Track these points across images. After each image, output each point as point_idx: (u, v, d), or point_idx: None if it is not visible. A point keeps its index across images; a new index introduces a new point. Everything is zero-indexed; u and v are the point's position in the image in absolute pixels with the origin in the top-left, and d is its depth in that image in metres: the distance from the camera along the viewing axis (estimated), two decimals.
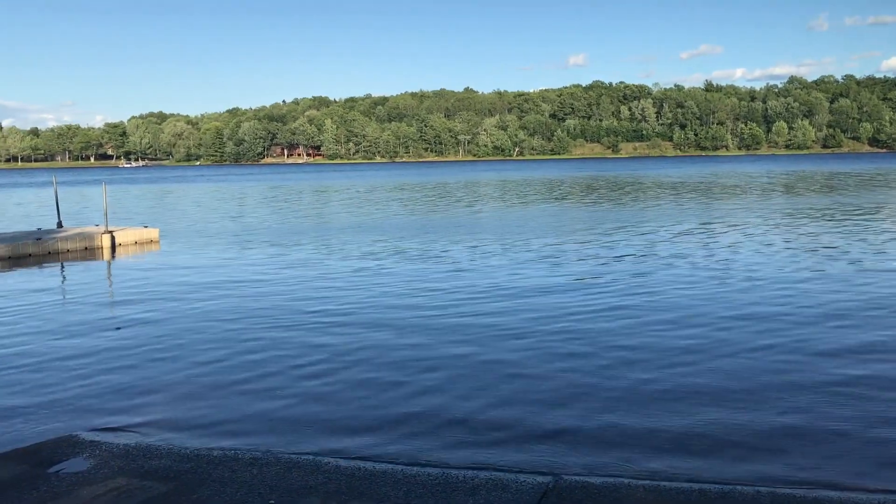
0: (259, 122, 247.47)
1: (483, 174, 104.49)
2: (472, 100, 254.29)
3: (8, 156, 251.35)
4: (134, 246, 24.75)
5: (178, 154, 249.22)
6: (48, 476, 6.29)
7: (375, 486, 6.05)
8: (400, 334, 11.69)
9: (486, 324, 12.24)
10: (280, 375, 9.67)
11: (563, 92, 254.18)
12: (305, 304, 14.29)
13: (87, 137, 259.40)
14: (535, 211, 37.33)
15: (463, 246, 22.75)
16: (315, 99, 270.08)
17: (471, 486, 6.06)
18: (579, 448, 7.16)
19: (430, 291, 15.27)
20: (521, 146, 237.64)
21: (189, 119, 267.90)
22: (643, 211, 35.63)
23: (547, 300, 14.10)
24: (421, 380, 9.34)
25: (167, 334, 12.05)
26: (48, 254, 22.72)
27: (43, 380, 9.70)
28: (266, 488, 5.99)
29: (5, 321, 13.30)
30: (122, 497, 5.81)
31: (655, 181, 68.90)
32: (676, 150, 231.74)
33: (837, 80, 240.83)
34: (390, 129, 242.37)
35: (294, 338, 11.61)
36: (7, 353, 11.03)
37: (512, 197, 49.71)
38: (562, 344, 10.88)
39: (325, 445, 7.26)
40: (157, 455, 6.81)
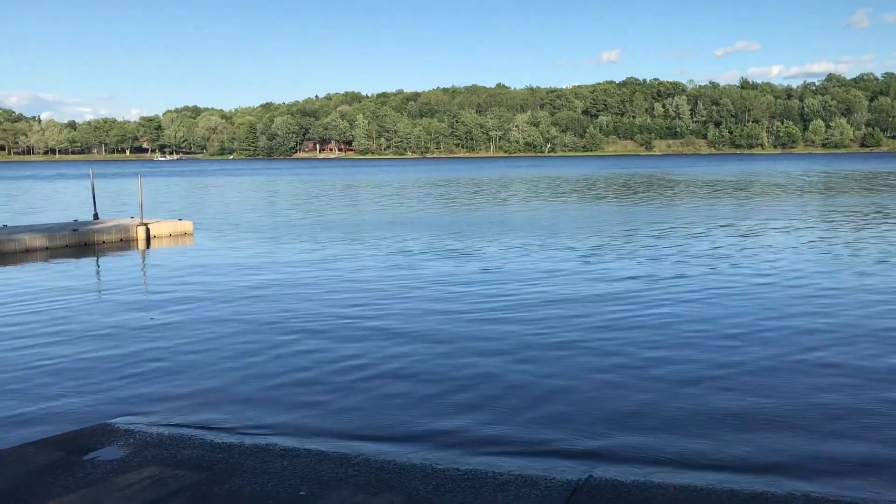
0: (292, 116, 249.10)
1: (515, 170, 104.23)
2: (504, 95, 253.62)
3: (46, 148, 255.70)
4: (168, 238, 25.06)
5: (212, 148, 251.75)
6: (83, 463, 6.40)
7: (405, 479, 6.06)
8: (432, 331, 11.71)
9: (519, 321, 12.21)
10: (311, 369, 9.72)
11: (597, 88, 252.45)
12: (338, 299, 14.35)
13: (123, 131, 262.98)
14: (570, 209, 37.15)
15: (497, 244, 22.68)
16: (347, 94, 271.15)
17: (500, 481, 6.05)
18: (610, 447, 7.11)
19: (463, 290, 15.26)
20: (552, 143, 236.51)
21: (223, 113, 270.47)
22: (680, 210, 35.30)
23: (582, 304, 14.00)
24: (452, 378, 9.34)
25: (200, 326, 12.19)
26: (85, 245, 23.09)
27: (78, 369, 9.86)
28: (296, 479, 6.03)
29: (42, 311, 13.53)
30: (156, 485, 5.89)
31: (693, 179, 68.20)
32: (711, 148, 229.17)
33: (877, 78, 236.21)
34: (421, 124, 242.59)
35: (327, 332, 11.67)
36: (43, 343, 11.23)
37: (546, 194, 49.53)
38: (597, 346, 10.81)
39: (354, 439, 7.28)
40: (190, 445, 6.89)
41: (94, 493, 5.74)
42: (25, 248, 21.84)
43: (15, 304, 14.14)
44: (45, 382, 9.29)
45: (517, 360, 9.98)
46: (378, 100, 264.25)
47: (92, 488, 5.83)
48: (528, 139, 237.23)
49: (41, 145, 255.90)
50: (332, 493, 5.76)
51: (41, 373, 9.69)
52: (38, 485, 5.92)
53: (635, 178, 71.13)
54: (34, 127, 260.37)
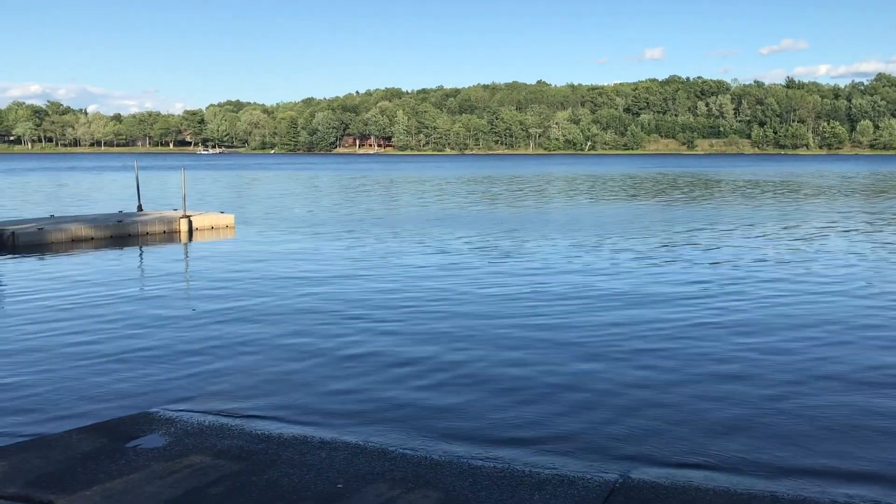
0: (332, 112, 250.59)
1: (556, 168, 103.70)
2: (545, 93, 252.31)
3: (92, 140, 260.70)
4: (210, 231, 25.40)
5: (254, 142, 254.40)
6: (126, 450, 6.51)
7: (441, 475, 6.07)
8: (474, 329, 11.71)
9: (560, 325, 12.16)
10: (351, 362, 9.78)
11: (639, 86, 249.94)
12: (379, 293, 14.42)
13: (167, 124, 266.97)
14: (619, 208, 36.87)
15: (548, 243, 22.55)
16: (388, 90, 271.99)
17: (536, 480, 6.02)
18: (648, 449, 7.04)
19: (503, 286, 15.24)
20: (593, 140, 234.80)
21: (265, 108, 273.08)
22: (728, 210, 34.84)
23: (630, 307, 13.87)
24: (491, 377, 9.32)
25: (240, 318, 12.33)
26: (129, 236, 23.50)
27: (121, 358, 10.04)
28: (334, 472, 6.08)
29: (87, 301, 13.81)
30: (196, 474, 5.97)
31: (739, 180, 67.24)
32: (754, 148, 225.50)
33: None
34: (461, 121, 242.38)
35: (368, 326, 11.73)
36: (87, 332, 11.46)
37: (595, 192, 49.22)
38: (637, 347, 10.71)
39: (391, 433, 7.31)
40: (230, 435, 6.97)
41: (137, 479, 5.84)
42: (72, 238, 22.30)
43: (59, 293, 14.44)
44: (88, 370, 9.47)
45: (554, 361, 9.93)
46: (418, 96, 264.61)
47: (134, 475, 5.93)
48: (568, 137, 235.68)
49: (87, 137, 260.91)
50: (368, 487, 5.79)
51: (84, 361, 9.88)
52: (83, 470, 6.04)
53: (682, 178, 70.34)
54: (81, 119, 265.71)
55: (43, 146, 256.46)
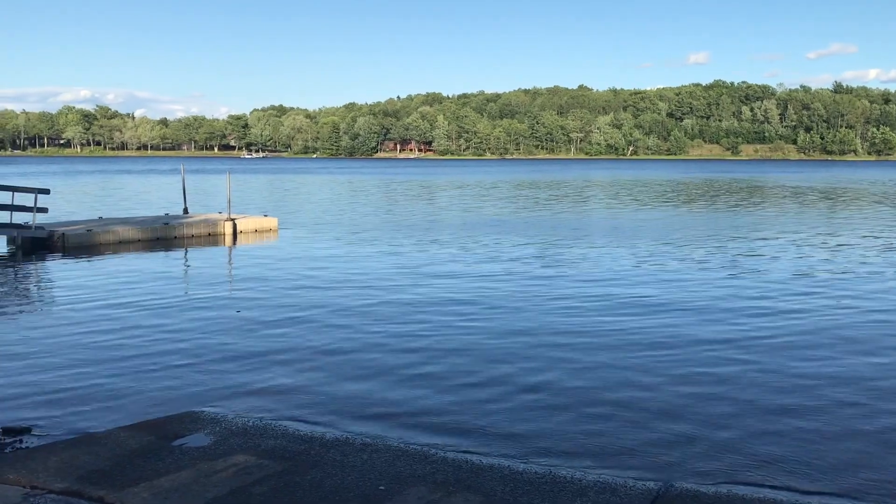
0: (374, 117, 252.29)
1: (599, 173, 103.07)
2: (586, 97, 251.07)
3: (139, 144, 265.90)
4: (254, 234, 25.73)
5: (296, 146, 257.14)
6: (172, 449, 6.62)
7: (482, 479, 6.07)
8: (514, 332, 11.70)
9: (605, 331, 12.09)
10: (393, 365, 9.84)
11: (682, 91, 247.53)
12: (422, 297, 14.46)
13: (212, 128, 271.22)
14: (669, 214, 36.53)
15: (594, 249, 22.36)
16: (428, 95, 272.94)
17: (578, 486, 6.00)
18: (692, 457, 6.97)
19: (547, 291, 15.20)
20: (635, 145, 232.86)
21: (307, 113, 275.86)
22: (787, 217, 34.31)
23: (679, 314, 13.73)
24: (530, 381, 9.31)
25: (283, 319, 12.47)
26: (175, 238, 23.91)
27: (166, 357, 10.22)
28: (376, 474, 6.11)
29: (134, 301, 14.07)
30: (241, 473, 6.06)
31: (786, 186, 66.15)
32: (800, 154, 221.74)
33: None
34: (501, 125, 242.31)
35: (410, 330, 11.78)
36: (135, 332, 11.68)
37: (644, 197, 48.82)
38: (685, 357, 10.60)
39: (431, 437, 7.34)
40: (273, 435, 7.05)
41: (183, 477, 5.94)
42: (119, 240, 22.76)
43: (106, 293, 14.75)
44: (134, 369, 9.65)
45: (600, 366, 9.87)
46: (459, 101, 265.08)
47: (181, 473, 6.03)
48: (609, 141, 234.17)
49: (134, 141, 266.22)
50: (410, 490, 5.82)
51: (130, 360, 10.07)
52: (131, 467, 6.16)
53: (733, 184, 69.40)
54: (128, 123, 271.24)
55: (91, 149, 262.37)
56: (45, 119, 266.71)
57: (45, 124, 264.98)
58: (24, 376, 9.35)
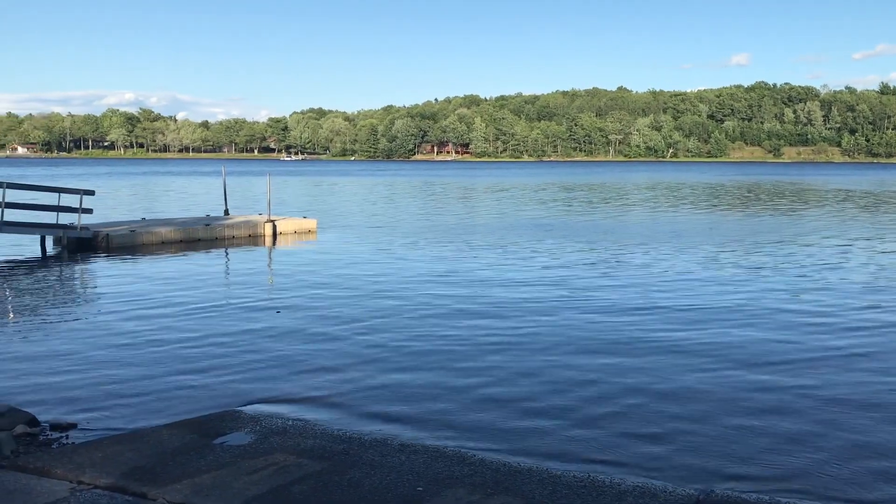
0: (411, 119, 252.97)
1: (640, 175, 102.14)
2: (625, 99, 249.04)
3: (181, 146, 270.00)
4: (293, 235, 25.96)
5: (335, 149, 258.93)
6: (213, 447, 6.71)
7: (520, 482, 6.05)
8: (558, 338, 11.65)
9: (653, 339, 11.98)
10: (432, 368, 9.85)
11: (723, 92, 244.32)
12: (461, 298, 14.46)
13: (252, 131, 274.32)
14: (716, 217, 36.11)
15: (643, 252, 21.93)
16: (466, 97, 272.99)
17: (617, 491, 5.94)
18: (735, 463, 6.87)
19: (593, 296, 15.11)
20: (675, 147, 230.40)
21: (346, 115, 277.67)
22: (832, 219, 33.71)
23: (725, 323, 13.53)
24: (570, 386, 9.25)
25: (322, 320, 12.56)
26: (216, 239, 24.23)
27: (208, 357, 10.36)
28: (414, 475, 6.12)
29: (175, 301, 14.28)
30: (281, 472, 6.11)
31: (835, 189, 64.97)
32: (844, 157, 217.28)
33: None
34: (539, 127, 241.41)
35: (449, 332, 11.79)
36: (175, 331, 11.86)
37: (691, 200, 48.32)
38: (739, 365, 10.43)
39: (468, 439, 7.33)
40: (312, 435, 7.10)
41: (224, 475, 6.01)
42: (162, 241, 23.13)
43: (149, 293, 14.99)
44: (175, 368, 9.80)
45: (643, 371, 9.79)
46: (496, 103, 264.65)
47: (222, 471, 6.11)
48: (649, 143, 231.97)
49: (176, 143, 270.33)
50: (448, 492, 5.81)
51: (171, 358, 10.23)
52: (174, 464, 6.25)
53: (779, 187, 68.36)
54: (171, 126, 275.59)
55: (134, 151, 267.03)
56: (89, 122, 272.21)
57: (90, 127, 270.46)
58: (70, 373, 9.55)
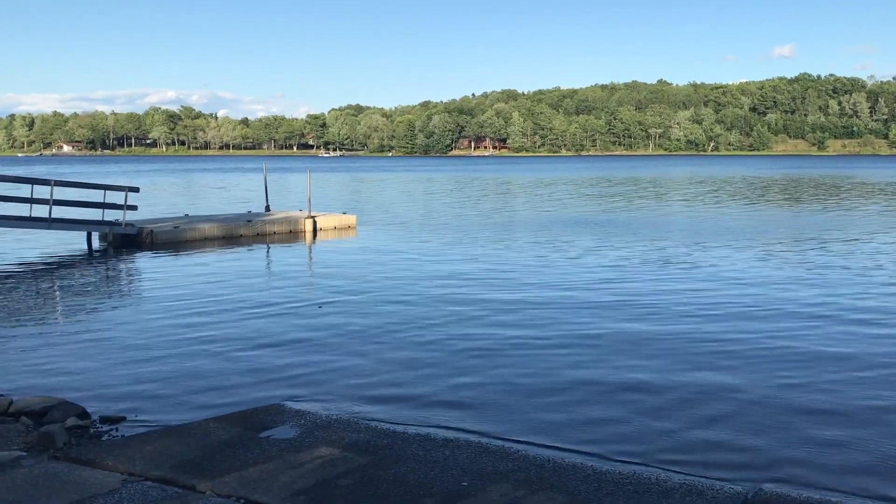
0: (449, 114, 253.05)
1: (682, 169, 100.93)
2: (665, 92, 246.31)
3: (221, 143, 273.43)
4: (333, 231, 26.15)
5: (372, 145, 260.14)
6: (259, 440, 6.79)
7: (565, 478, 6.02)
8: (607, 337, 11.58)
9: (700, 337, 11.86)
10: (475, 363, 9.84)
11: (765, 85, 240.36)
12: (502, 292, 14.44)
13: (291, 128, 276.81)
14: (769, 212, 35.59)
15: (698, 249, 21.46)
16: (503, 92, 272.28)
17: (664, 488, 5.89)
18: (782, 461, 6.76)
19: (643, 296, 14.99)
20: (716, 141, 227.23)
21: (383, 112, 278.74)
22: (870, 218, 33.01)
23: (767, 321, 13.32)
24: (620, 381, 9.18)
25: (365, 315, 12.62)
26: (257, 235, 24.50)
27: (251, 350, 10.47)
28: (458, 470, 6.13)
29: (219, 296, 14.47)
30: (327, 465, 6.16)
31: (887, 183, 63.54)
32: (891, 149, 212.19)
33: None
34: (578, 121, 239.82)
35: (493, 329, 11.77)
36: (220, 326, 12.01)
37: (741, 195, 47.70)
38: (790, 362, 10.16)
39: (512, 434, 7.31)
40: (356, 429, 7.15)
41: (271, 469, 6.08)
42: (205, 237, 23.45)
43: (193, 288, 15.20)
44: (221, 362, 9.93)
45: (692, 367, 9.68)
46: (534, 97, 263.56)
47: (268, 464, 6.18)
48: (689, 137, 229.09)
49: (217, 140, 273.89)
50: (493, 487, 5.81)
51: (216, 353, 10.36)
52: (221, 457, 6.34)
53: (829, 180, 67.09)
54: (211, 123, 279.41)
55: (176, 149, 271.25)
56: (132, 120, 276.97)
57: (133, 125, 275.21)
58: (117, 367, 9.73)
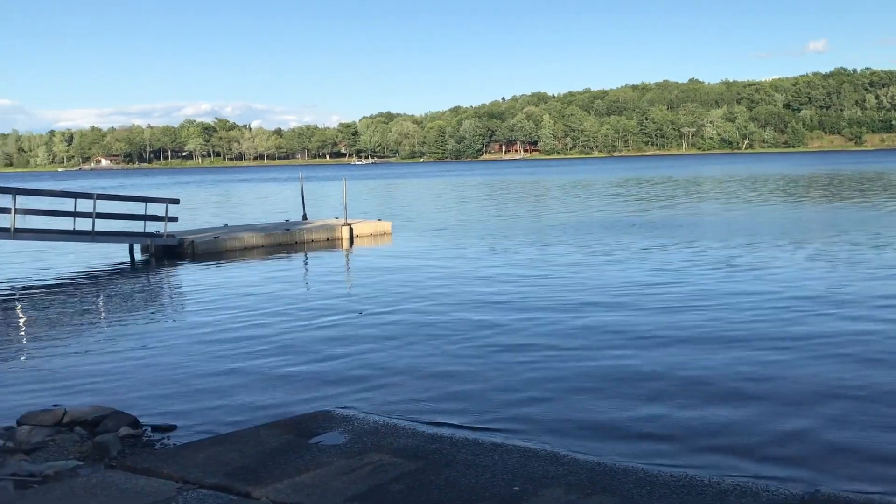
0: (479, 119, 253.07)
1: (719, 168, 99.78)
2: (697, 91, 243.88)
3: (255, 154, 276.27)
4: (369, 238, 26.30)
5: (404, 152, 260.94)
6: (310, 446, 6.84)
7: (617, 482, 5.98)
8: (659, 340, 11.50)
9: (765, 335, 11.72)
10: (517, 367, 9.84)
11: (799, 80, 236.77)
12: (542, 295, 14.41)
13: (324, 137, 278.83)
14: (819, 210, 35.10)
15: (756, 250, 21.06)
16: (534, 95, 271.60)
17: (718, 490, 5.83)
18: (840, 463, 6.66)
19: (692, 290, 14.87)
20: (750, 138, 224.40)
21: (414, 118, 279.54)
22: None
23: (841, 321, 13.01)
24: (672, 382, 9.11)
25: (404, 321, 12.68)
26: (296, 243, 24.74)
27: (295, 357, 10.58)
28: (508, 475, 6.13)
29: (261, 304, 14.62)
30: (377, 471, 6.19)
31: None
32: None
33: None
34: (609, 122, 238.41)
35: (533, 331, 11.76)
36: (263, 334, 12.13)
37: (787, 193, 47.11)
38: (856, 360, 9.95)
39: (559, 438, 7.29)
40: (404, 434, 7.18)
41: (323, 474, 6.13)
42: (244, 246, 23.72)
43: (236, 297, 15.38)
44: (264, 369, 10.04)
45: (748, 368, 9.58)
46: (564, 99, 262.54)
47: (320, 470, 6.23)
48: (723, 135, 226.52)
49: (251, 151, 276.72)
50: (545, 491, 5.80)
51: (262, 360, 10.48)
52: (273, 464, 6.40)
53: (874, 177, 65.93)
54: (245, 134, 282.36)
55: (211, 160, 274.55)
56: (168, 133, 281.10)
57: (169, 137, 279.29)
58: (165, 376, 9.88)
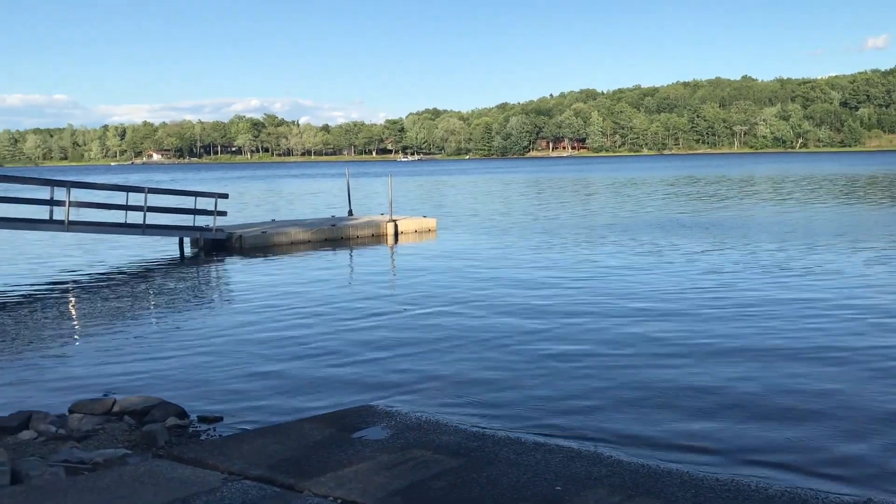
0: (526, 116, 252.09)
1: (774, 167, 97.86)
2: (750, 88, 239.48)
3: (303, 150, 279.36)
4: (414, 234, 26.38)
5: (450, 148, 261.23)
6: (353, 441, 6.89)
7: (661, 484, 5.91)
8: (691, 335, 11.35)
9: (816, 345, 11.50)
10: (559, 367, 9.78)
11: (857, 78, 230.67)
12: (590, 296, 14.33)
13: (370, 133, 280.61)
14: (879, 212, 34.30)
15: (816, 254, 21.02)
16: (582, 92, 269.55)
17: (764, 496, 5.72)
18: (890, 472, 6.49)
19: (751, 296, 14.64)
20: (804, 137, 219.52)
21: (460, 115, 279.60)
22: None
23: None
24: (721, 388, 8.97)
25: (449, 318, 12.69)
26: (341, 238, 24.93)
27: (339, 352, 10.68)
28: (551, 474, 6.09)
29: (308, 298, 14.77)
30: (419, 467, 6.21)
31: None
32: None
33: None
34: (659, 120, 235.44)
35: (579, 333, 11.68)
36: (309, 328, 12.26)
37: (853, 194, 46.15)
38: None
39: (602, 440, 7.22)
40: (446, 431, 7.18)
41: (365, 469, 6.16)
42: (291, 241, 24.00)
43: (282, 291, 15.55)
44: (310, 363, 10.14)
45: (802, 374, 9.39)
46: (613, 96, 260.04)
47: (362, 465, 6.26)
48: (776, 134, 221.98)
49: (299, 147, 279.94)
50: (587, 492, 5.74)
51: (306, 354, 10.59)
52: (316, 458, 6.46)
53: None
54: (293, 131, 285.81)
55: (260, 156, 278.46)
56: (218, 128, 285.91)
57: (219, 133, 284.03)
58: (212, 368, 10.05)
